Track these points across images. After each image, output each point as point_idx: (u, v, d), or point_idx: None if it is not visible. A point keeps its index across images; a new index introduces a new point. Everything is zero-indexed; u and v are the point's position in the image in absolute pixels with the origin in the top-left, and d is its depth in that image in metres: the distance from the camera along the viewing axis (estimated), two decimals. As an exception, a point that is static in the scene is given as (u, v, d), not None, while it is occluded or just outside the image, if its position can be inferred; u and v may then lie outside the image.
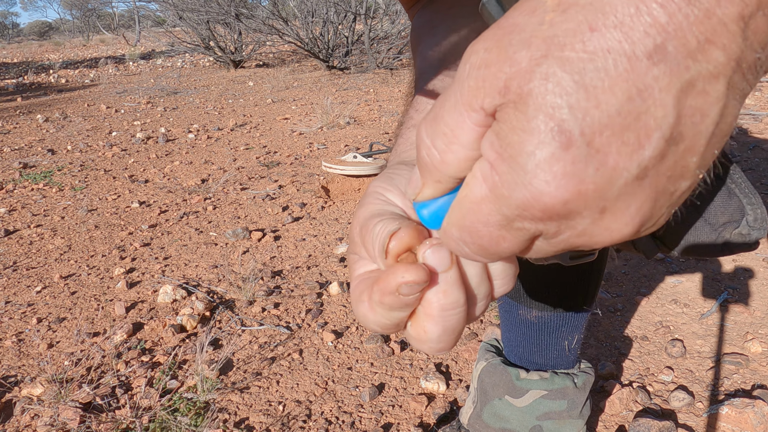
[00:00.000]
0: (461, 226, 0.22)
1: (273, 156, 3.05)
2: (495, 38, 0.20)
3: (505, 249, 0.22)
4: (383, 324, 0.28)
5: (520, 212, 0.20)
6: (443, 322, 0.26)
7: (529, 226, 0.21)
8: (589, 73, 0.18)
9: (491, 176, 0.20)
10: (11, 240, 2.04)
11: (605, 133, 0.18)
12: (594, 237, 0.21)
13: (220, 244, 1.92)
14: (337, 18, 6.33)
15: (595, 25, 0.18)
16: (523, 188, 0.19)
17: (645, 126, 0.18)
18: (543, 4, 0.19)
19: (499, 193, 0.20)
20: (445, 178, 0.23)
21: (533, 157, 0.19)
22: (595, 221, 0.20)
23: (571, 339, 0.82)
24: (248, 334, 1.37)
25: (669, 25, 0.18)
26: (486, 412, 0.85)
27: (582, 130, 0.18)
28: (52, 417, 1.08)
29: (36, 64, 10.34)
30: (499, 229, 0.21)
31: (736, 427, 1.00)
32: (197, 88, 5.99)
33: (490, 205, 0.21)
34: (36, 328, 1.43)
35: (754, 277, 1.51)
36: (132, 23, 33.60)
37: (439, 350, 0.28)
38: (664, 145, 0.19)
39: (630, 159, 0.19)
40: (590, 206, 0.19)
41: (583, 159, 0.19)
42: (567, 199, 0.19)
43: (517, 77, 0.19)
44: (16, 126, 4.18)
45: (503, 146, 0.20)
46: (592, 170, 0.19)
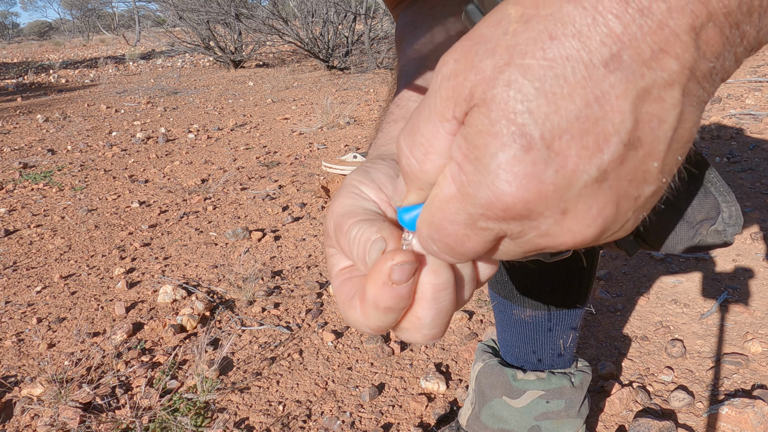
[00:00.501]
0: (430, 223, 0.23)
1: (273, 156, 3.05)
2: (463, 49, 0.21)
3: (470, 248, 0.23)
4: (377, 326, 0.28)
5: (483, 211, 0.21)
6: (436, 305, 0.27)
7: (493, 225, 0.21)
8: (549, 80, 0.19)
9: (459, 176, 0.21)
10: (11, 240, 2.04)
11: (564, 137, 0.19)
12: (557, 238, 0.21)
13: (220, 244, 1.92)
14: (337, 18, 6.33)
15: (555, 34, 0.19)
16: (487, 188, 0.20)
17: (603, 131, 0.19)
18: (507, 15, 0.20)
19: (465, 192, 0.21)
20: (426, 186, 0.24)
21: (496, 158, 0.20)
22: (557, 222, 0.21)
23: (566, 337, 0.83)
24: (248, 334, 1.37)
25: (624, 35, 0.19)
26: (484, 413, 0.85)
27: (542, 133, 0.19)
28: (52, 417, 1.08)
29: (36, 64, 10.34)
30: (465, 228, 0.22)
31: (736, 427, 1.00)
32: (197, 88, 5.99)
33: (456, 204, 0.22)
34: (36, 328, 1.43)
35: (754, 277, 1.51)
36: (132, 23, 33.60)
37: (432, 337, 0.28)
38: (622, 149, 0.19)
39: (589, 162, 0.19)
40: (551, 207, 0.20)
41: (543, 161, 0.19)
42: (527, 199, 0.20)
43: (482, 84, 0.20)
44: (16, 126, 4.18)
45: (469, 148, 0.21)
46: (552, 172, 0.19)
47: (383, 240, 0.27)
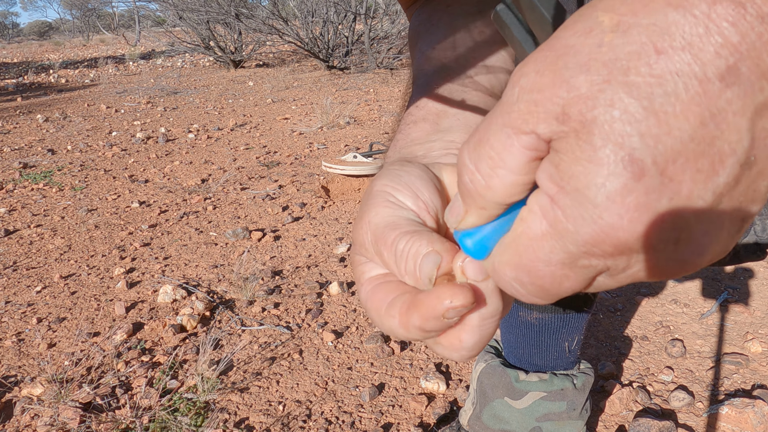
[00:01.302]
0: (517, 265, 0.21)
1: (273, 156, 3.05)
2: (547, 61, 0.19)
3: (567, 288, 0.21)
4: (413, 339, 0.27)
5: (588, 249, 0.19)
6: (481, 332, 0.26)
7: (596, 263, 0.19)
8: (659, 98, 0.17)
9: (552, 211, 0.19)
10: (11, 240, 2.04)
11: (679, 160, 0.17)
12: (666, 270, 0.20)
13: (220, 244, 1.92)
14: (337, 18, 6.33)
15: (661, 46, 0.17)
16: (593, 223, 0.18)
17: (719, 151, 0.17)
18: (599, 24, 0.18)
19: (562, 229, 0.19)
20: (491, 205, 0.22)
21: (603, 189, 0.18)
22: (669, 253, 0.19)
23: (572, 340, 0.82)
24: (248, 334, 1.37)
25: (741, 44, 0.17)
26: (485, 413, 0.85)
27: (654, 158, 0.17)
28: (52, 417, 1.08)
29: (36, 64, 10.34)
30: (563, 268, 0.20)
31: (736, 427, 1.00)
32: (197, 88, 5.99)
33: (552, 242, 0.19)
34: (36, 328, 1.43)
35: (754, 277, 1.51)
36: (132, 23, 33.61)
37: (469, 357, 0.27)
38: (738, 170, 0.18)
39: (705, 186, 0.18)
40: (665, 238, 0.18)
41: (657, 189, 0.18)
42: (641, 233, 0.18)
43: (577, 103, 0.18)
44: (16, 126, 4.18)
45: (565, 179, 0.19)
46: (666, 200, 0.18)
47: (437, 254, 0.25)
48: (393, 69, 6.08)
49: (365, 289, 0.29)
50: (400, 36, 6.12)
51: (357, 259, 0.31)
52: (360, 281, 0.30)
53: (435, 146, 0.37)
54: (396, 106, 4.23)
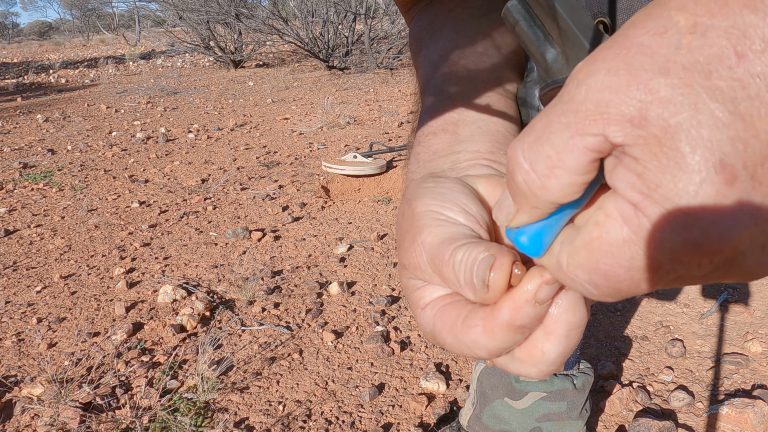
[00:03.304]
0: (593, 269, 0.20)
1: (273, 156, 3.05)
2: (619, 59, 0.18)
3: (644, 290, 0.20)
4: (499, 348, 0.25)
5: (675, 257, 0.18)
6: (566, 342, 0.25)
7: (681, 268, 0.19)
8: (743, 101, 0.17)
9: (636, 219, 0.19)
10: (11, 240, 2.04)
11: (766, 163, 0.17)
12: (750, 274, 0.19)
13: (220, 244, 1.92)
14: (337, 18, 6.33)
15: (741, 50, 0.17)
16: (684, 232, 0.18)
17: None
18: (675, 24, 0.18)
19: (648, 236, 0.19)
20: (544, 204, 0.21)
21: (696, 197, 0.17)
22: (756, 258, 0.19)
23: None
24: (248, 334, 1.37)
25: None
26: (485, 413, 0.85)
27: (744, 162, 0.17)
28: (52, 417, 1.08)
29: (36, 64, 10.34)
30: (644, 273, 0.19)
31: (736, 427, 1.00)
32: (197, 88, 5.99)
33: (635, 248, 0.19)
34: (36, 328, 1.43)
35: (754, 277, 1.51)
36: (132, 23, 33.61)
37: (548, 374, 0.26)
38: None
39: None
40: (755, 243, 0.18)
41: (749, 194, 0.17)
42: (732, 240, 0.18)
43: (657, 107, 0.18)
44: (16, 126, 4.18)
45: (652, 187, 0.18)
46: (758, 204, 0.18)
47: (493, 257, 0.24)
48: (393, 69, 6.08)
49: (429, 313, 0.28)
50: (400, 36, 6.12)
51: (412, 284, 0.29)
52: (419, 306, 0.29)
53: (461, 158, 0.36)
54: (396, 106, 4.23)
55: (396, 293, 1.54)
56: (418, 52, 0.49)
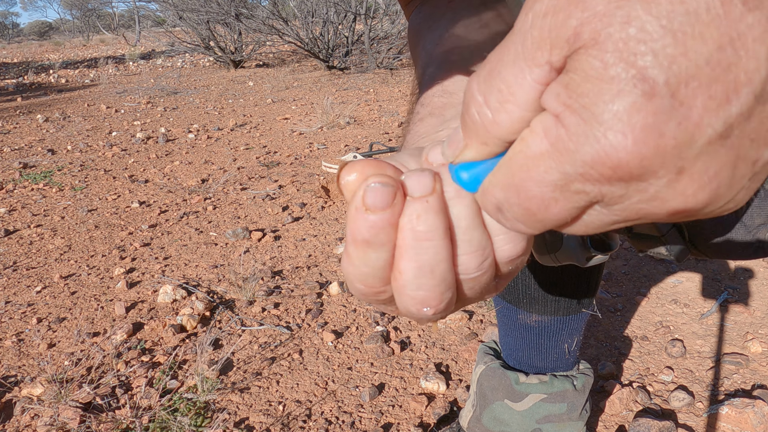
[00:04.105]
0: (508, 184, 0.20)
1: (273, 156, 3.05)
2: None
3: (552, 215, 0.20)
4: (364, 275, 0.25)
5: (585, 170, 0.18)
6: (417, 256, 0.24)
7: (590, 188, 0.19)
8: (678, 17, 0.17)
9: (555, 129, 0.19)
10: (11, 240, 2.04)
11: (692, 84, 0.17)
12: (666, 203, 0.19)
13: (220, 244, 1.92)
14: (337, 18, 6.33)
15: None
16: (595, 142, 0.18)
17: (735, 79, 0.17)
18: None
19: (563, 148, 0.18)
20: (492, 140, 0.21)
21: (611, 106, 0.17)
22: (670, 183, 0.18)
23: (571, 342, 0.82)
24: (248, 334, 1.37)
25: None
26: (486, 415, 0.85)
27: (667, 79, 0.17)
28: (52, 417, 1.08)
29: (36, 64, 10.34)
30: (554, 191, 0.19)
31: (736, 427, 1.00)
32: (197, 88, 5.99)
33: (549, 162, 0.19)
34: (36, 328, 1.43)
35: (754, 277, 1.51)
36: (132, 23, 33.60)
37: (421, 301, 0.25)
38: (752, 101, 0.17)
39: (716, 114, 0.17)
40: (667, 165, 0.18)
41: (666, 111, 0.17)
42: (644, 155, 0.17)
43: (592, 22, 0.17)
44: (16, 126, 4.18)
45: (574, 96, 0.18)
46: (674, 124, 0.17)
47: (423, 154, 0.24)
48: (393, 69, 6.08)
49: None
50: (400, 36, 6.12)
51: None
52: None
53: (442, 135, 0.36)
54: (396, 106, 4.23)
55: (396, 293, 1.54)
56: (417, 43, 0.50)
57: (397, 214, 0.23)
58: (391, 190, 0.23)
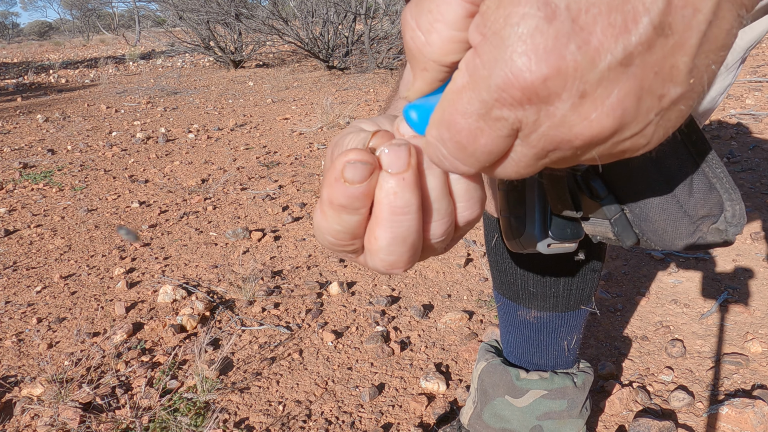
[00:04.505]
0: (440, 121, 0.21)
1: (273, 156, 3.05)
2: None
3: (483, 146, 0.21)
4: (335, 231, 0.27)
5: (499, 95, 0.19)
6: (392, 228, 0.25)
7: (507, 114, 0.19)
8: None
9: (473, 60, 0.20)
10: (11, 240, 2.04)
11: (591, 10, 0.18)
12: (573, 127, 0.19)
13: (220, 244, 1.92)
14: (337, 18, 6.33)
15: None
16: (504, 65, 0.19)
17: (633, 9, 0.18)
18: None
19: (479, 76, 0.19)
20: (431, 65, 0.22)
21: (516, 29, 0.18)
22: (575, 107, 0.19)
23: (570, 339, 0.83)
24: (248, 334, 1.37)
25: None
26: (486, 412, 0.85)
27: (568, 4, 0.18)
28: (52, 417, 1.08)
29: (36, 64, 10.34)
30: (478, 120, 0.20)
31: (736, 427, 1.00)
32: (197, 88, 5.99)
33: (469, 93, 0.20)
34: (36, 328, 1.43)
35: (754, 277, 1.51)
36: (132, 23, 33.61)
37: (391, 264, 0.27)
38: (651, 32, 0.18)
39: (615, 41, 0.18)
40: (570, 87, 0.18)
41: (566, 34, 0.18)
42: (546, 75, 0.18)
43: None
44: (16, 126, 4.18)
45: (487, 24, 0.19)
46: (574, 47, 0.18)
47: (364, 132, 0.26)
48: (393, 69, 6.08)
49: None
50: (400, 36, 6.11)
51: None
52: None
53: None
54: (396, 106, 4.23)
55: (396, 293, 1.54)
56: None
57: (373, 186, 0.25)
58: (369, 167, 0.24)
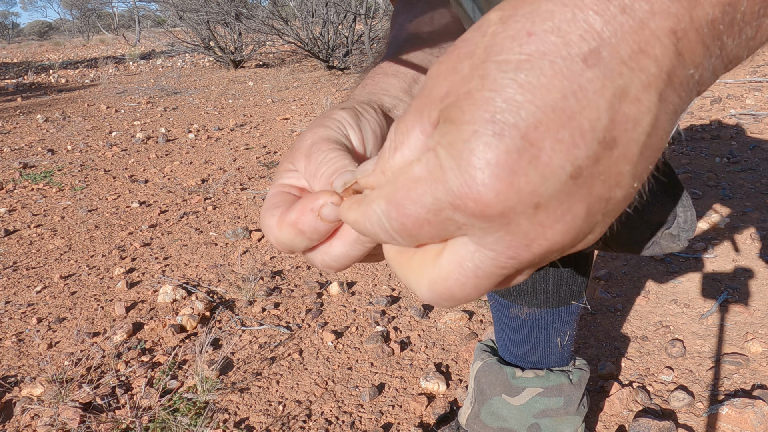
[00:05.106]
0: (391, 199, 0.23)
1: (273, 156, 3.05)
2: (448, 53, 0.22)
3: (425, 234, 0.22)
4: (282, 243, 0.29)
5: (453, 200, 0.20)
6: (350, 247, 0.28)
7: (460, 217, 0.21)
8: (525, 71, 0.19)
9: (432, 161, 0.21)
10: (11, 240, 2.04)
11: (540, 128, 0.19)
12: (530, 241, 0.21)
13: (220, 244, 1.92)
14: (337, 18, 6.33)
15: (533, 30, 0.19)
16: (459, 175, 0.20)
17: (579, 126, 0.19)
18: (488, 20, 0.21)
19: (436, 177, 0.21)
20: (389, 174, 0.24)
21: (468, 144, 0.19)
22: (530, 218, 0.20)
23: (563, 335, 0.83)
24: (248, 334, 1.37)
25: (604, 31, 0.19)
26: (484, 411, 0.85)
27: (516, 122, 0.19)
28: (52, 417, 1.08)
29: (36, 64, 10.34)
30: (427, 213, 0.21)
31: (736, 427, 1.00)
32: (197, 88, 5.99)
33: (425, 187, 0.21)
34: (36, 328, 1.43)
35: (754, 277, 1.51)
36: (132, 23, 33.61)
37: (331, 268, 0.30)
38: (597, 147, 0.19)
39: (565, 157, 0.19)
40: (523, 201, 0.19)
41: (517, 150, 0.19)
42: (499, 190, 0.19)
43: (458, 83, 0.20)
44: (16, 126, 4.18)
45: (443, 135, 0.21)
46: (525, 162, 0.19)
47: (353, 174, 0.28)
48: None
49: (272, 190, 0.33)
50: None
51: (285, 165, 0.35)
52: (275, 182, 0.34)
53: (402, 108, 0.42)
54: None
55: (396, 293, 1.54)
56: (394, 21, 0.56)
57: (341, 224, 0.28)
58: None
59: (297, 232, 0.28)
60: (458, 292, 0.23)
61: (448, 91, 0.21)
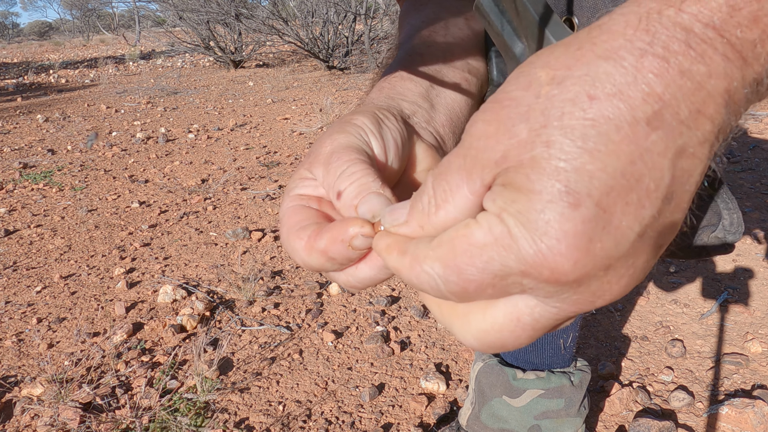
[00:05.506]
0: (449, 264, 0.22)
1: (273, 156, 3.05)
2: (493, 111, 0.21)
3: (485, 296, 0.22)
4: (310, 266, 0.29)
5: (525, 268, 0.20)
6: (378, 273, 0.28)
7: (528, 282, 0.21)
8: (592, 138, 0.19)
9: (497, 227, 0.21)
10: (11, 240, 2.04)
11: (611, 194, 0.19)
12: (597, 298, 0.21)
13: (220, 244, 1.92)
14: (337, 18, 6.33)
15: (594, 93, 0.19)
16: (533, 244, 0.20)
17: (646, 187, 0.19)
18: (537, 79, 0.21)
19: (504, 244, 0.20)
20: (428, 228, 0.24)
21: (543, 215, 0.19)
22: (600, 281, 0.20)
23: (566, 337, 0.83)
24: (248, 334, 1.37)
25: (665, 94, 0.19)
26: (484, 412, 0.85)
27: (590, 192, 0.19)
28: (52, 417, 1.08)
29: (36, 64, 10.34)
30: (493, 278, 0.21)
31: (736, 427, 1.00)
32: (197, 88, 5.99)
33: (491, 253, 0.21)
34: (36, 328, 1.43)
35: (754, 277, 1.51)
36: (132, 23, 33.61)
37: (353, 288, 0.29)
38: (661, 204, 0.20)
39: (634, 218, 0.19)
40: (597, 266, 0.20)
41: (592, 218, 0.19)
42: (577, 259, 0.19)
43: (518, 147, 0.20)
44: (16, 126, 4.18)
45: (509, 202, 0.20)
46: (600, 229, 0.19)
47: (388, 201, 0.27)
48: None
49: (288, 204, 0.32)
50: (400, 36, 6.10)
51: (301, 172, 0.33)
52: (290, 192, 0.33)
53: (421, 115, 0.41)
54: (396, 106, 4.22)
55: (396, 293, 1.54)
56: (404, 20, 0.54)
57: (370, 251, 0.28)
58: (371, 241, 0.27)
59: (327, 258, 0.28)
60: (511, 343, 0.23)
61: (505, 155, 0.20)
